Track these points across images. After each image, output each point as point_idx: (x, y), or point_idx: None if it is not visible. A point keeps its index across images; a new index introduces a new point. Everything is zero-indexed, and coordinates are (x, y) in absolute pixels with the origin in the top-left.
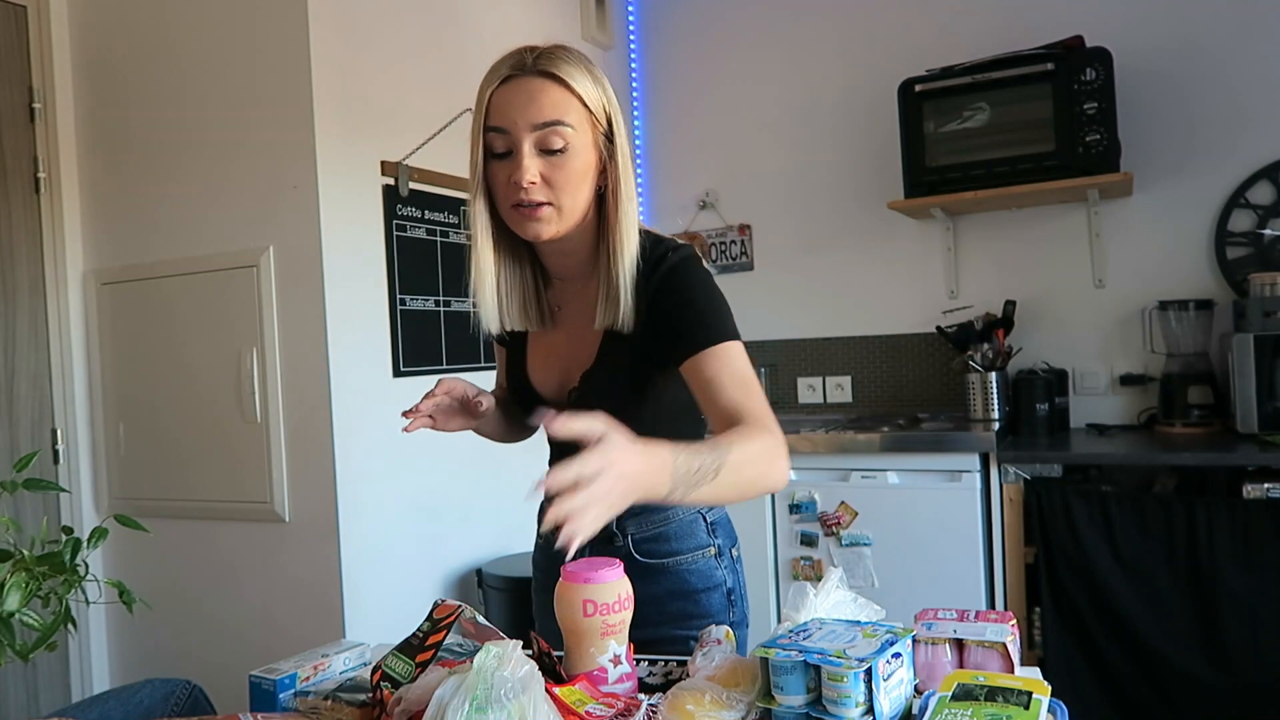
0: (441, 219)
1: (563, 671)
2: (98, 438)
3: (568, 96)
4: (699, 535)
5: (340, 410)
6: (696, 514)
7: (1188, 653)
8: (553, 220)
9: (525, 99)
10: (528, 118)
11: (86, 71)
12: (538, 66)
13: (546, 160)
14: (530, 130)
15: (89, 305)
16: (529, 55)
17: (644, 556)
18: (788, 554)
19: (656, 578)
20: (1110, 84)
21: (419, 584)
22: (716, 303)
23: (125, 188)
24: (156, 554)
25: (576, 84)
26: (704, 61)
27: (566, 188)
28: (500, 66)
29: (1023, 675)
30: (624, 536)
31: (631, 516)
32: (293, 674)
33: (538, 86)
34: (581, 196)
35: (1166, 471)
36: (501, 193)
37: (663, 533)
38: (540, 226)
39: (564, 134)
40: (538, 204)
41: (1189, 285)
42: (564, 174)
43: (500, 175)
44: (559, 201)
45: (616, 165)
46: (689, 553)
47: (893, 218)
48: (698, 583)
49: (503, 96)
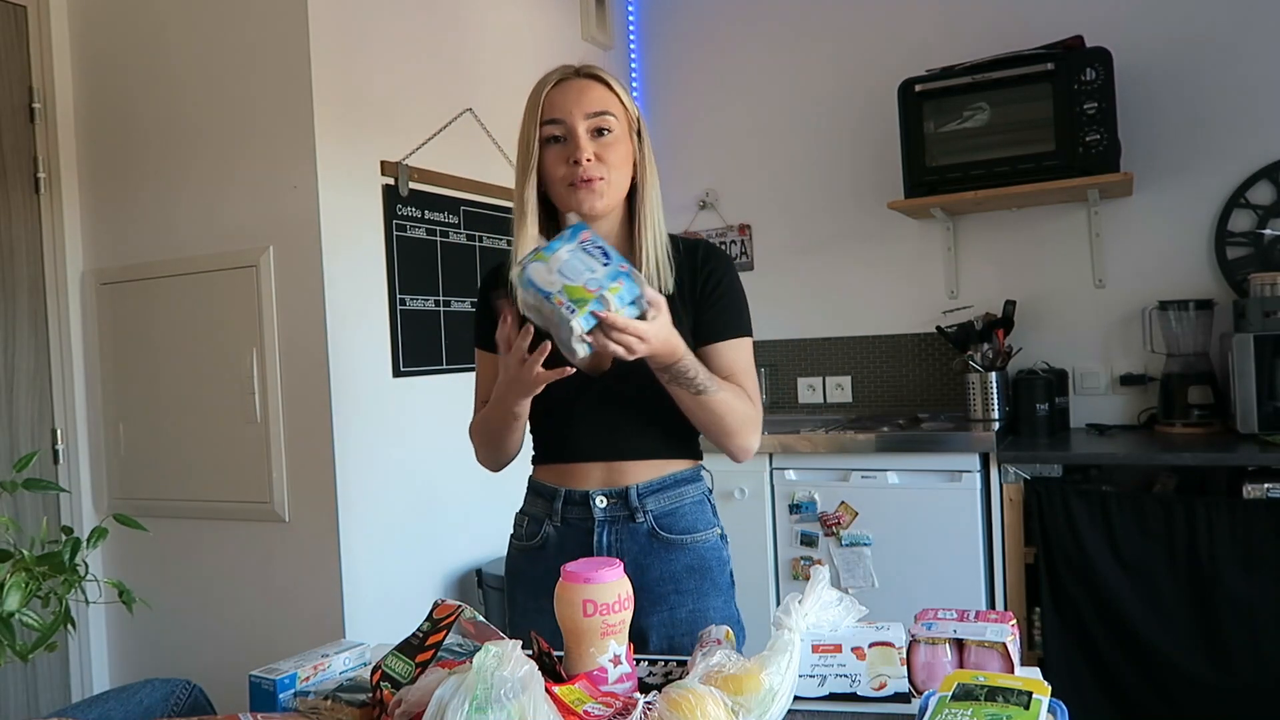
0: (441, 219)
1: (562, 671)
2: (97, 438)
3: (610, 94)
4: (707, 514)
5: (340, 410)
6: (703, 495)
7: (1188, 653)
8: (604, 194)
9: (578, 93)
10: (582, 107)
11: (86, 71)
12: (583, 72)
13: (597, 142)
14: (584, 118)
15: (89, 305)
16: (573, 66)
17: (665, 531)
18: (788, 554)
19: (676, 554)
20: (1110, 84)
21: (419, 584)
22: (744, 297)
23: (125, 188)
24: (156, 554)
25: (615, 86)
26: (704, 62)
27: (614, 165)
28: (550, 75)
29: (1023, 675)
30: (645, 514)
31: (651, 494)
32: (293, 674)
33: (587, 84)
34: (624, 175)
35: (1166, 471)
36: (559, 173)
37: (678, 509)
38: (594, 199)
39: (610, 122)
40: (593, 178)
41: (1189, 285)
42: (612, 154)
43: (557, 159)
44: (609, 176)
45: (645, 158)
46: (702, 530)
47: (893, 218)
48: (711, 559)
49: (557, 94)
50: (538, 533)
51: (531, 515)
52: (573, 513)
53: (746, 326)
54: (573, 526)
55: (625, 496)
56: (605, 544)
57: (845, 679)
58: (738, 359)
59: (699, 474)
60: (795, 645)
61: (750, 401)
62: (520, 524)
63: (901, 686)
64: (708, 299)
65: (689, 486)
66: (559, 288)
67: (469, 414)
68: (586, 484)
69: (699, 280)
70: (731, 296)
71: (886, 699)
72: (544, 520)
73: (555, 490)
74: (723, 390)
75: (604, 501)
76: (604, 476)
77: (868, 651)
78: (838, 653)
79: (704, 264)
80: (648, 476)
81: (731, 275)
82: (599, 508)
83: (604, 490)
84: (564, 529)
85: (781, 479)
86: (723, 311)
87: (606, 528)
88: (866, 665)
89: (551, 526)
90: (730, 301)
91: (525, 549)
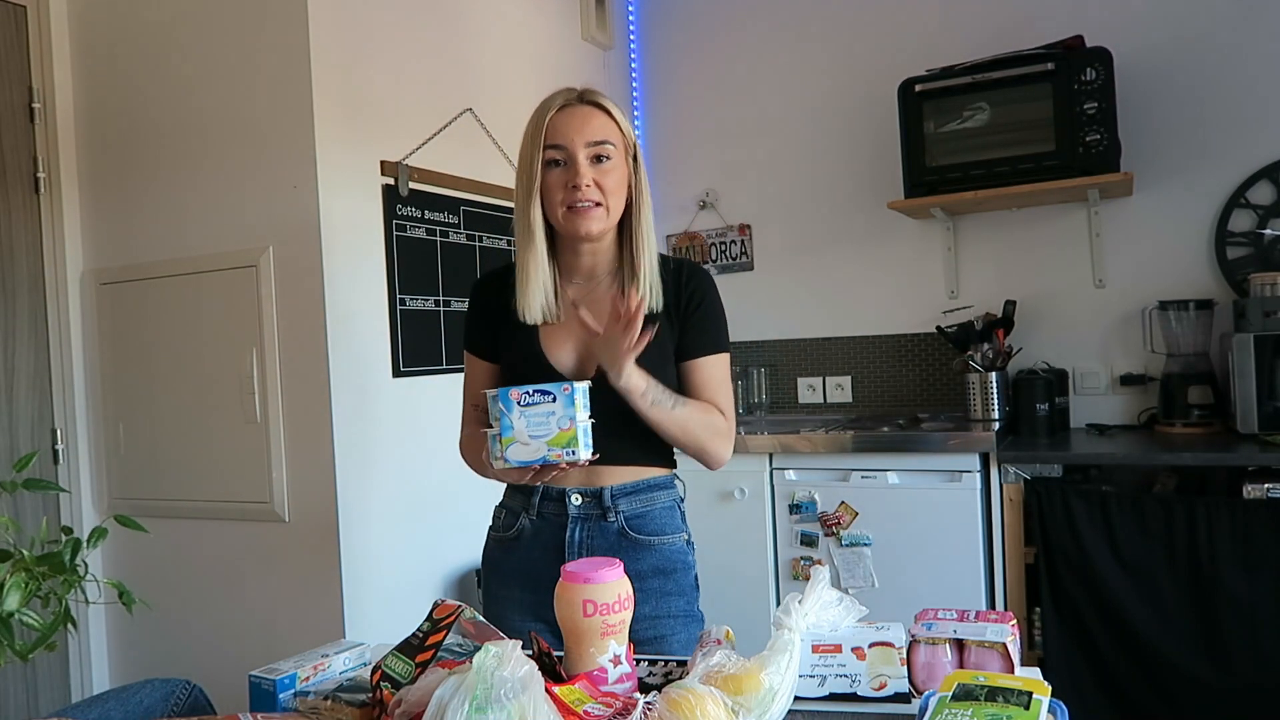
0: (441, 219)
1: (562, 671)
2: (97, 438)
3: (610, 122)
4: (676, 520)
5: (340, 410)
6: (674, 502)
7: (1188, 653)
8: (601, 218)
9: (580, 121)
10: (583, 136)
11: (86, 71)
12: (586, 99)
13: (596, 169)
14: (585, 146)
15: (88, 305)
16: (575, 92)
17: (634, 531)
18: (788, 554)
19: (643, 554)
20: (1110, 84)
21: (419, 584)
22: (723, 315)
23: (125, 187)
24: (156, 554)
25: (615, 114)
26: (704, 61)
27: (611, 191)
28: (554, 99)
29: (1023, 675)
30: (616, 514)
31: (624, 496)
32: (293, 674)
33: (589, 112)
34: (620, 201)
35: (1166, 471)
36: (559, 197)
37: (649, 511)
38: (592, 223)
39: (609, 150)
40: (592, 203)
41: (1189, 285)
42: (609, 180)
43: (557, 182)
44: (607, 202)
45: (640, 182)
46: (670, 534)
47: (893, 218)
48: (676, 563)
49: (560, 120)
50: (514, 525)
51: (509, 508)
52: (549, 508)
53: (725, 343)
54: (548, 521)
55: (599, 496)
56: (577, 540)
57: (845, 679)
58: (714, 374)
59: (672, 482)
60: (795, 645)
61: (721, 414)
62: (498, 516)
63: (901, 686)
64: (690, 317)
65: (661, 492)
66: (545, 449)
67: None
68: (564, 482)
69: (683, 298)
70: (712, 315)
71: (886, 699)
72: (520, 513)
73: (534, 486)
74: (689, 405)
75: (579, 499)
76: (582, 477)
77: (868, 651)
78: (838, 653)
79: (688, 283)
80: (622, 480)
81: (713, 294)
82: (574, 505)
83: (580, 489)
84: (539, 523)
85: (781, 479)
86: (704, 330)
87: (579, 524)
88: (866, 665)
89: (528, 519)
90: (711, 320)
91: (501, 539)
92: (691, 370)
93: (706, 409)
